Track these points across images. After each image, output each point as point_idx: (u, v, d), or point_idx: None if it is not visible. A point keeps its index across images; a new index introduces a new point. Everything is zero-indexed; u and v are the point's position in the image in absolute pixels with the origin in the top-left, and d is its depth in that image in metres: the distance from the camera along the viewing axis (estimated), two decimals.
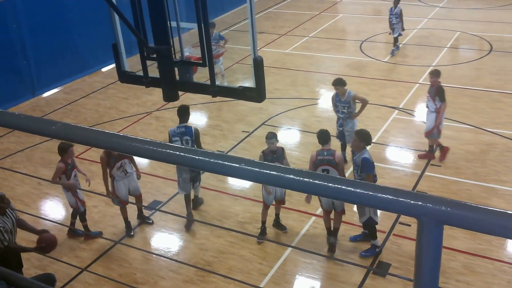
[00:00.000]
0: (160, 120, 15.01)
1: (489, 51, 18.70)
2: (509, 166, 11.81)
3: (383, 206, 2.01)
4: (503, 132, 13.16)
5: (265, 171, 2.19)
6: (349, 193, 2.02)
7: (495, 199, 10.78)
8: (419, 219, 1.94)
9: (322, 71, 17.90)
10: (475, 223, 1.84)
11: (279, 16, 24.85)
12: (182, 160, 2.41)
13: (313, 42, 20.95)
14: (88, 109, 16.34)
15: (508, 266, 9.12)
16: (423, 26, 21.91)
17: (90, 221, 10.85)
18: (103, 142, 2.75)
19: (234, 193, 11.54)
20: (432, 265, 2.01)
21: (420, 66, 17.61)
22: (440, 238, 1.96)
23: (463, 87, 15.89)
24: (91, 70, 18.77)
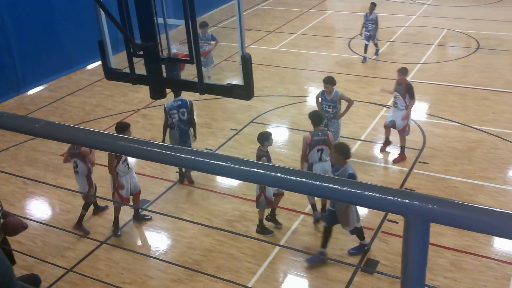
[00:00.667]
0: (147, 118, 14.93)
1: (476, 48, 18.77)
2: (495, 164, 11.84)
3: (370, 204, 2.01)
4: (490, 130, 13.20)
5: (252, 169, 2.17)
6: (336, 192, 2.01)
7: (482, 196, 10.82)
8: (406, 217, 1.93)
9: (310, 68, 17.88)
10: (462, 220, 1.83)
11: (267, 13, 24.80)
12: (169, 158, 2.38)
13: (302, 39, 20.93)
14: (74, 107, 16.21)
15: (494, 263, 9.15)
16: (411, 24, 21.95)
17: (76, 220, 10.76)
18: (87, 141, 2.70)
19: (223, 192, 11.48)
20: (419, 262, 2.01)
21: (408, 63, 17.58)
22: (426, 235, 1.95)
23: (451, 85, 15.94)
24: (76, 67, 18.61)
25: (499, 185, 11.14)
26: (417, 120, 13.83)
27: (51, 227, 10.68)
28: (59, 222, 10.84)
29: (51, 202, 11.61)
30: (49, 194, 11.85)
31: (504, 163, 11.86)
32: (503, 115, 13.96)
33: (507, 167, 11.77)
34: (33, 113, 15.86)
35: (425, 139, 12.94)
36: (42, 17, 17.16)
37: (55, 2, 17.38)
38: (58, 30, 17.69)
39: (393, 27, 21.53)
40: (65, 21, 17.71)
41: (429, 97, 15.29)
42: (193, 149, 2.32)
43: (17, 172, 12.66)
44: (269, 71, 17.63)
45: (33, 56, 17.01)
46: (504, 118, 13.80)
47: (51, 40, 17.50)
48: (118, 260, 9.72)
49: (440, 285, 8.73)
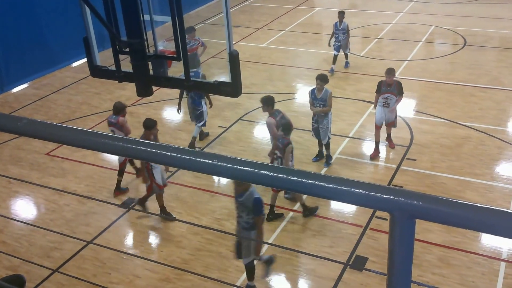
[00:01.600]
0: (134, 116, 14.81)
1: (463, 45, 18.82)
2: (482, 160, 11.88)
3: (356, 201, 1.99)
4: (477, 126, 13.24)
5: (239, 167, 2.13)
6: (323, 188, 1.99)
7: (469, 192, 10.86)
8: (391, 213, 1.92)
9: (298, 65, 17.85)
10: (447, 217, 1.83)
11: (255, 10, 24.74)
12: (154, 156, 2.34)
13: (290, 36, 20.90)
14: (59, 105, 16.07)
15: (482, 259, 9.20)
16: (398, 21, 21.98)
17: (62, 219, 10.68)
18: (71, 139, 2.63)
19: (211, 190, 11.42)
20: (405, 258, 2.01)
21: (395, 60, 17.64)
22: (412, 232, 1.95)
23: (438, 81, 15.97)
24: (61, 64, 18.39)
25: (486, 181, 11.17)
26: (404, 117, 13.84)
27: (37, 227, 10.58)
28: (44, 222, 10.75)
29: (36, 202, 11.50)
30: (34, 194, 11.73)
31: (491, 159, 11.90)
32: (489, 111, 14.00)
33: (494, 163, 11.81)
34: (17, 111, 15.71)
35: (412, 135, 12.95)
36: (26, 14, 16.93)
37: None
38: (42, 26, 17.45)
39: (380, 24, 21.54)
40: (49, 17, 17.49)
41: (416, 94, 15.31)
42: (179, 147, 2.27)
43: (1, 171, 12.55)
44: (257, 68, 17.58)
45: (16, 54, 16.76)
46: (490, 114, 13.84)
47: (35, 37, 17.26)
48: (105, 260, 9.65)
49: (429, 281, 8.75)
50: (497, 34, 19.97)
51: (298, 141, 12.86)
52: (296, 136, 13.01)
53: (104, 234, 10.31)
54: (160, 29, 5.57)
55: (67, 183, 11.95)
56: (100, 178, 12.02)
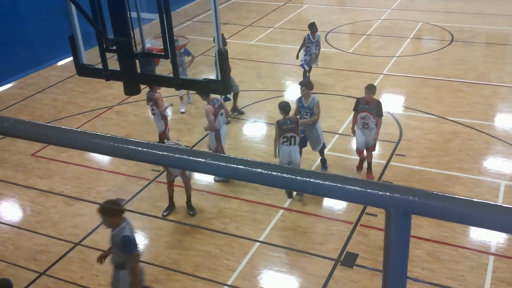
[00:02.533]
0: (121, 115, 14.73)
1: (450, 41, 18.87)
2: (470, 154, 11.92)
3: (352, 198, 2.00)
4: (464, 121, 13.28)
5: (232, 165, 2.12)
6: (318, 186, 1.99)
7: (458, 187, 10.90)
8: (387, 209, 1.93)
9: (287, 62, 17.80)
10: (442, 212, 1.84)
11: (243, 7, 24.67)
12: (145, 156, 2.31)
13: (278, 33, 20.85)
14: (44, 105, 15.91)
15: (471, 253, 9.23)
16: (386, 17, 22.00)
17: (49, 221, 10.58)
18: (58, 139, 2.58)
19: (200, 189, 11.36)
20: (401, 254, 2.01)
21: (383, 57, 17.66)
22: (408, 228, 1.96)
23: (426, 77, 16.00)
24: (46, 63, 18.23)
25: (475, 176, 11.21)
26: (393, 113, 13.85)
27: (23, 229, 10.47)
28: (30, 224, 10.63)
29: (22, 204, 11.37)
30: (19, 195, 11.61)
31: (479, 154, 11.94)
32: (477, 106, 14.05)
33: (482, 157, 11.86)
34: (1, 112, 15.54)
35: (401, 131, 12.96)
36: (10, 12, 16.77)
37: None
38: (27, 25, 17.27)
39: (368, 21, 21.56)
40: (34, 16, 17.33)
41: (405, 90, 15.34)
42: (171, 146, 2.23)
43: None
44: (245, 66, 17.52)
45: (0, 53, 16.60)
46: (478, 109, 13.89)
47: (19, 36, 17.07)
48: (93, 262, 9.52)
49: (418, 276, 8.77)
50: (483, 30, 20.04)
51: None
52: None
53: (92, 235, 10.21)
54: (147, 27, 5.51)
55: (53, 184, 11.83)
56: (87, 179, 11.92)
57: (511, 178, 11.11)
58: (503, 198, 10.46)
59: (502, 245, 9.38)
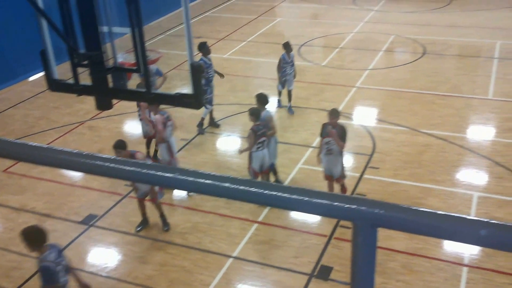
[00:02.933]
0: (93, 130, 14.61)
1: (423, 53, 19.09)
2: (443, 166, 12.03)
3: (319, 211, 2.01)
4: (437, 133, 13.41)
5: (200, 180, 2.11)
6: (285, 200, 1.99)
7: (431, 199, 10.97)
8: (354, 222, 1.94)
9: (261, 75, 17.85)
10: (408, 224, 1.86)
11: (216, 20, 24.71)
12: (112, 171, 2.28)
13: (252, 46, 20.92)
14: (16, 120, 15.71)
15: (445, 264, 9.29)
16: (359, 30, 22.20)
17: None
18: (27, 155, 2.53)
19: (174, 203, 11.29)
20: (368, 267, 2.02)
21: (356, 70, 17.79)
22: (374, 241, 1.97)
23: (399, 90, 16.15)
24: (18, 78, 17.96)
25: (448, 188, 11.30)
26: (367, 125, 13.94)
27: None
28: (3, 241, 10.46)
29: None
30: None
31: (451, 166, 12.05)
32: (449, 118, 14.20)
33: (455, 169, 11.97)
34: None
35: (374, 144, 13.04)
36: None
37: None
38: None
39: (341, 34, 21.73)
40: (5, 30, 17.13)
41: (378, 103, 15.45)
42: (139, 162, 2.22)
43: None
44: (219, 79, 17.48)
45: None
46: (450, 121, 14.04)
47: None
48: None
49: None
50: (456, 42, 20.31)
51: None
52: None
53: (65, 252, 10.05)
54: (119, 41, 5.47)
55: (26, 200, 11.66)
56: (59, 195, 11.77)
57: (483, 189, 11.24)
58: (476, 210, 10.55)
59: (476, 256, 9.45)
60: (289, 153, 12.84)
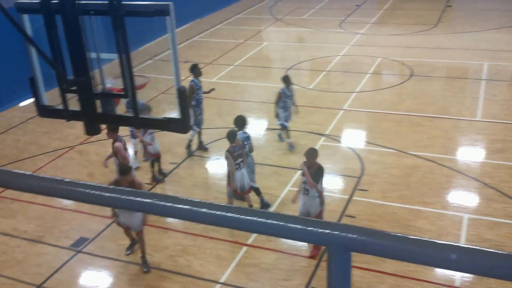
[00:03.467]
0: (83, 154, 14.62)
1: (410, 75, 19.26)
2: (432, 188, 12.08)
3: (294, 236, 2.07)
4: (425, 155, 13.50)
5: (178, 205, 2.18)
6: (261, 224, 2.05)
7: (420, 221, 11.00)
8: (328, 246, 1.98)
9: (248, 99, 17.96)
10: (381, 249, 1.90)
11: (203, 45, 24.87)
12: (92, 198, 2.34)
13: (239, 70, 21.05)
14: (6, 145, 15.72)
15: (435, 287, 9.30)
16: (346, 53, 22.40)
17: (13, 261, 10.39)
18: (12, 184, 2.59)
19: (164, 226, 11.29)
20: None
21: (343, 92, 17.93)
22: (348, 264, 2.00)
23: (386, 112, 16.27)
24: (8, 105, 18.00)
25: (437, 210, 11.35)
26: (354, 148, 14.03)
27: None
28: None
29: None
30: None
31: (440, 188, 12.11)
32: (437, 140, 14.31)
33: (443, 191, 12.02)
34: None
35: (363, 166, 13.11)
36: None
37: None
38: None
39: (328, 57, 21.92)
40: None
41: (365, 125, 15.57)
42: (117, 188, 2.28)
43: None
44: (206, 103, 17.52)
45: None
46: (438, 143, 14.14)
47: None
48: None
49: None
50: (442, 64, 20.55)
51: None
52: None
53: (56, 275, 10.06)
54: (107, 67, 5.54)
55: (17, 224, 11.65)
56: (50, 218, 11.76)
57: (473, 211, 11.28)
58: (467, 231, 10.58)
59: (467, 278, 9.46)
60: (278, 176, 12.90)
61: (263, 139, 15.14)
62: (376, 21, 27.57)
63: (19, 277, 10.05)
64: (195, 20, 29.06)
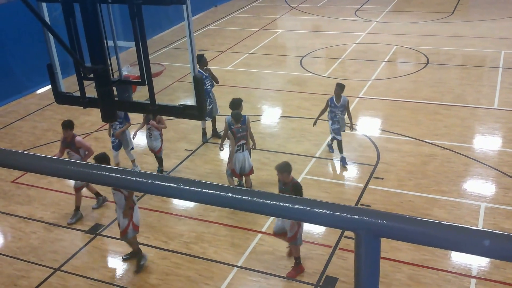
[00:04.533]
0: (99, 141, 14.69)
1: (426, 64, 19.13)
2: (449, 177, 12.01)
3: (321, 221, 2.03)
4: (442, 143, 13.41)
5: (204, 190, 2.17)
6: (287, 209, 2.03)
7: (437, 209, 10.94)
8: (356, 232, 1.96)
9: (263, 87, 17.93)
10: (411, 235, 1.88)
11: (218, 33, 24.84)
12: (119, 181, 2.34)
13: (254, 58, 21.01)
14: (23, 132, 15.84)
15: (452, 276, 9.23)
16: (361, 41, 22.27)
17: (29, 247, 10.50)
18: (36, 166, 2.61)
19: (178, 213, 11.35)
20: (371, 277, 2.04)
21: (359, 80, 17.85)
22: (377, 250, 1.98)
23: (402, 100, 16.18)
24: (26, 92, 18.22)
25: (453, 198, 11.28)
26: (370, 135, 13.98)
27: (3, 255, 10.38)
28: (11, 250, 10.55)
29: (2, 230, 11.28)
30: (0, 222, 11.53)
31: (457, 176, 12.03)
32: (454, 128, 14.21)
33: (461, 180, 11.94)
34: None
35: (379, 154, 13.06)
36: None
37: (2, 26, 17.01)
38: (6, 54, 17.30)
39: (343, 45, 21.81)
40: (12, 44, 17.36)
41: (381, 113, 15.49)
42: (144, 172, 2.28)
43: None
44: (221, 91, 17.58)
45: None
46: (455, 131, 14.05)
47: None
48: (73, 287, 9.48)
49: None
50: (459, 52, 20.37)
51: (264, 162, 12.90)
52: (263, 158, 13.07)
53: (72, 260, 10.14)
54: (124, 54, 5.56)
55: (33, 210, 11.75)
56: (66, 205, 11.84)
57: (491, 200, 11.19)
58: (484, 220, 10.51)
59: (484, 268, 9.39)
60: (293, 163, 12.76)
61: (277, 127, 15.12)
62: (392, 9, 27.35)
63: (35, 262, 10.14)
64: (211, 9, 29.09)
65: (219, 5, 30.03)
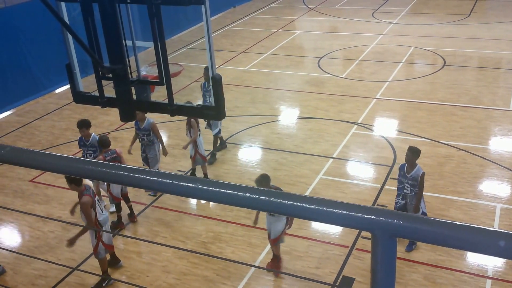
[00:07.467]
0: (118, 141, 14.80)
1: (443, 65, 19.06)
2: (465, 178, 11.98)
3: (338, 222, 2.04)
4: (458, 144, 13.37)
5: (221, 190, 2.18)
6: (305, 210, 2.03)
7: (453, 210, 10.92)
8: (373, 232, 1.97)
9: (281, 87, 17.97)
10: (427, 235, 1.87)
11: (236, 34, 24.91)
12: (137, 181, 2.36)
13: (272, 59, 21.05)
14: (42, 131, 16.01)
15: (468, 276, 9.23)
16: (378, 42, 22.23)
17: (47, 246, 10.61)
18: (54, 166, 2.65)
19: (196, 213, 11.41)
20: (388, 277, 2.04)
21: (376, 81, 17.82)
22: (393, 250, 1.99)
23: (419, 101, 16.14)
24: (44, 91, 18.39)
25: (469, 199, 11.26)
26: (387, 136, 13.96)
27: (21, 255, 10.49)
28: (29, 250, 10.66)
29: (21, 229, 11.41)
30: (18, 221, 11.65)
31: (473, 177, 12.00)
32: (470, 130, 14.16)
33: (477, 181, 11.91)
34: (0, 139, 15.62)
35: (395, 155, 13.04)
36: (8, 41, 16.97)
37: (21, 26, 17.20)
38: (25, 54, 17.49)
39: (360, 46, 21.78)
40: (31, 44, 17.54)
41: (398, 114, 15.46)
42: (161, 172, 2.32)
43: None
44: (240, 91, 17.67)
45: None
46: (471, 133, 14.00)
47: (18, 64, 17.28)
48: (90, 286, 9.57)
49: None
50: (475, 54, 20.27)
51: (282, 162, 12.94)
52: (281, 158, 13.10)
53: (89, 260, 10.24)
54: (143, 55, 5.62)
55: (51, 209, 11.87)
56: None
57: (507, 201, 11.17)
58: (499, 222, 10.49)
59: (500, 268, 9.39)
60: (310, 164, 12.90)
61: (295, 127, 15.15)
62: (409, 10, 27.26)
63: (53, 261, 10.24)
64: (229, 9, 29.16)
65: (237, 6, 30.11)
